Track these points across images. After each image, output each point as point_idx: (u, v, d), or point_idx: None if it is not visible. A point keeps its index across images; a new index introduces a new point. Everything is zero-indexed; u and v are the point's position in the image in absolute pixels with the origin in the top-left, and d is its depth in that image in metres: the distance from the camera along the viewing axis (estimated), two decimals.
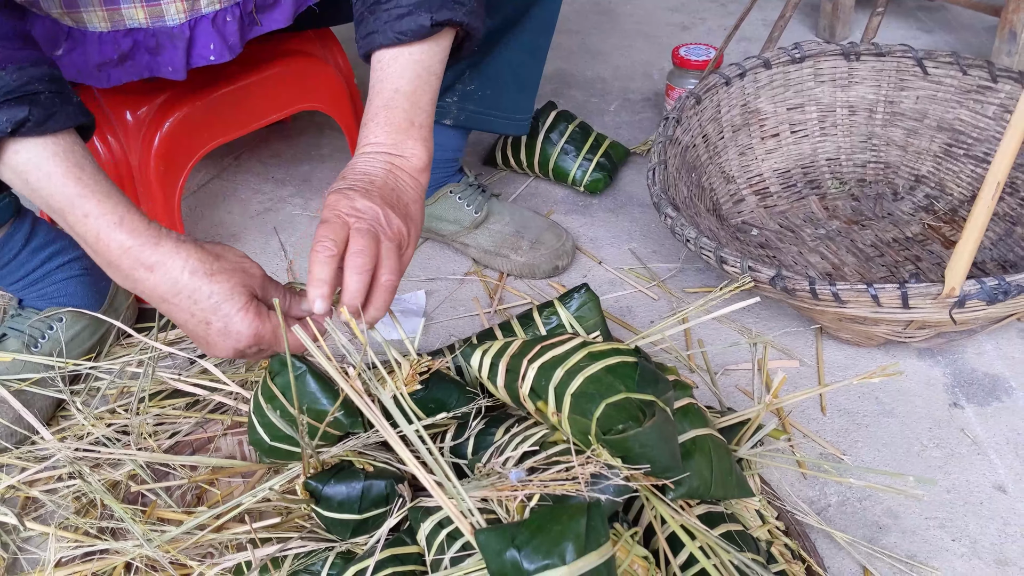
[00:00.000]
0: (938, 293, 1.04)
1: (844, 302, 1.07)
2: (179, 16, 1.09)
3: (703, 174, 1.46)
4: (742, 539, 0.83)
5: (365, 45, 0.94)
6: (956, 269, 1.02)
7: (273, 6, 1.15)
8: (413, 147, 0.92)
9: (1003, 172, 0.99)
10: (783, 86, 1.51)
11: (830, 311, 1.10)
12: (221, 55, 1.13)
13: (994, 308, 1.06)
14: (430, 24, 0.90)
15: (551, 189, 1.60)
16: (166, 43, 1.10)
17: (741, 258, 1.12)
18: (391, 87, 0.92)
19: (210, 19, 1.10)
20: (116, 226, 0.82)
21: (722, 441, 0.86)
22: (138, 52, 1.11)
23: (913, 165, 1.52)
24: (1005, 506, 1.03)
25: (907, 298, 1.04)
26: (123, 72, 1.12)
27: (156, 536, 0.88)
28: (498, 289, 1.37)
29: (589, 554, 0.68)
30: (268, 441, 0.92)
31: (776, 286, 1.10)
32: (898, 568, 0.96)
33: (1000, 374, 1.20)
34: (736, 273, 1.13)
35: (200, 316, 0.83)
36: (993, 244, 1.38)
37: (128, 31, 1.08)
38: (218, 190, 1.62)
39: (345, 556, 0.85)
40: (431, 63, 0.93)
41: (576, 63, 2.01)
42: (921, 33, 2.06)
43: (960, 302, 1.04)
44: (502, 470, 0.78)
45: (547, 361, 0.84)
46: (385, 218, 0.86)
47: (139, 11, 1.07)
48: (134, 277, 0.83)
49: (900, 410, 1.15)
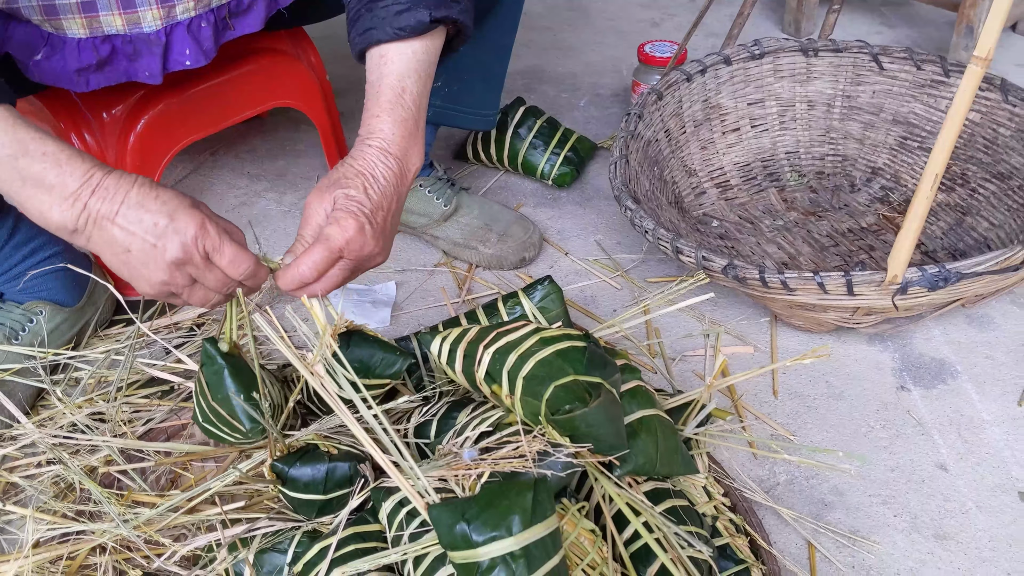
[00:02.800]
0: (881, 281, 1.08)
1: (792, 290, 1.12)
2: (156, 23, 1.12)
3: (665, 168, 1.50)
4: (687, 514, 0.88)
5: (362, 42, 0.97)
6: (898, 258, 1.07)
7: (247, 11, 1.19)
8: (417, 153, 0.96)
9: (940, 165, 1.03)
10: (743, 82, 1.56)
11: (780, 299, 1.15)
12: (196, 60, 1.17)
13: (936, 294, 1.11)
14: (429, 20, 0.94)
15: (520, 183, 1.65)
16: (143, 49, 1.14)
17: (696, 248, 1.17)
18: (398, 85, 0.95)
19: (185, 26, 1.14)
20: (78, 155, 0.83)
21: (668, 421, 0.91)
22: (116, 58, 1.14)
23: (870, 158, 1.56)
24: (946, 483, 1.08)
25: (852, 286, 1.09)
26: (102, 77, 1.15)
27: (132, 518, 0.93)
28: (467, 280, 1.42)
29: (535, 526, 0.73)
30: (202, 423, 0.98)
31: (728, 275, 1.14)
32: (841, 543, 1.01)
33: (946, 358, 1.25)
34: (691, 263, 1.17)
35: (149, 223, 0.83)
36: (944, 233, 1.43)
37: (106, 37, 1.12)
38: (194, 185, 1.65)
39: (311, 535, 0.89)
40: (429, 60, 0.97)
41: (548, 59, 2.05)
42: (884, 28, 2.11)
43: (902, 289, 1.09)
44: (457, 450, 0.82)
45: (501, 346, 0.88)
46: (371, 259, 0.92)
47: (117, 18, 1.11)
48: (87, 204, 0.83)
49: (849, 393, 1.20)
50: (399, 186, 0.93)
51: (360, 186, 0.90)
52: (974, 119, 1.45)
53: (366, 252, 0.89)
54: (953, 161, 1.47)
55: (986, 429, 1.14)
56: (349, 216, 0.88)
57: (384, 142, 0.93)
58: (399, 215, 0.95)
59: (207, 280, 0.86)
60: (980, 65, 0.99)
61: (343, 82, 1.94)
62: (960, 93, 1.01)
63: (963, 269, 1.08)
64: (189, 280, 0.86)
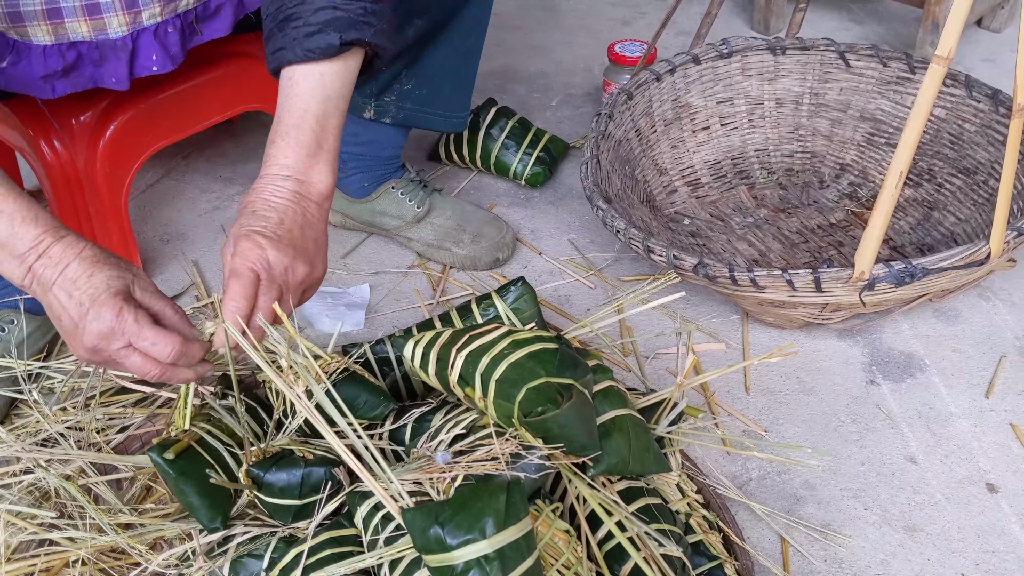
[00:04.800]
0: (849, 277, 1.10)
1: (762, 287, 1.13)
2: (121, 29, 1.12)
3: (636, 167, 1.51)
4: (660, 512, 0.89)
5: (274, 61, 0.95)
6: (864, 254, 1.08)
7: (214, 16, 1.19)
8: (320, 172, 0.93)
9: (905, 163, 1.05)
10: (712, 80, 1.57)
11: (750, 296, 1.17)
12: (163, 65, 1.16)
13: (903, 290, 1.13)
14: (339, 43, 0.91)
15: (493, 183, 1.65)
16: (109, 55, 1.14)
17: (667, 247, 1.18)
18: (301, 107, 0.92)
19: (152, 31, 1.14)
20: (33, 218, 0.85)
21: (641, 420, 0.92)
22: (82, 64, 1.14)
23: (838, 154, 1.58)
24: (915, 476, 1.10)
25: (820, 282, 1.11)
26: (67, 83, 1.15)
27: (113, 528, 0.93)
28: (441, 281, 1.42)
29: (508, 528, 0.74)
30: None
31: (699, 274, 1.15)
32: (813, 537, 1.03)
33: (915, 352, 1.26)
34: (662, 261, 1.18)
35: (75, 302, 0.84)
36: (912, 228, 1.45)
37: (72, 44, 1.11)
38: (167, 190, 1.65)
39: (287, 540, 0.90)
40: (339, 84, 0.94)
41: (519, 58, 2.05)
42: (852, 24, 2.13)
43: (870, 285, 1.10)
44: (430, 453, 0.83)
45: (474, 349, 0.89)
46: (292, 270, 0.88)
47: (82, 25, 1.10)
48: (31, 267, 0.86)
49: (820, 388, 1.21)
50: (299, 202, 0.91)
51: (248, 212, 0.90)
52: (940, 115, 1.47)
53: (281, 266, 0.87)
54: (920, 157, 1.49)
55: (954, 422, 1.16)
56: (241, 239, 0.87)
57: (276, 167, 0.92)
58: (318, 228, 0.93)
59: (130, 362, 0.86)
60: (941, 64, 1.01)
61: None
62: (922, 92, 1.02)
63: (929, 265, 1.09)
64: (114, 359, 0.86)
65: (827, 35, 2.03)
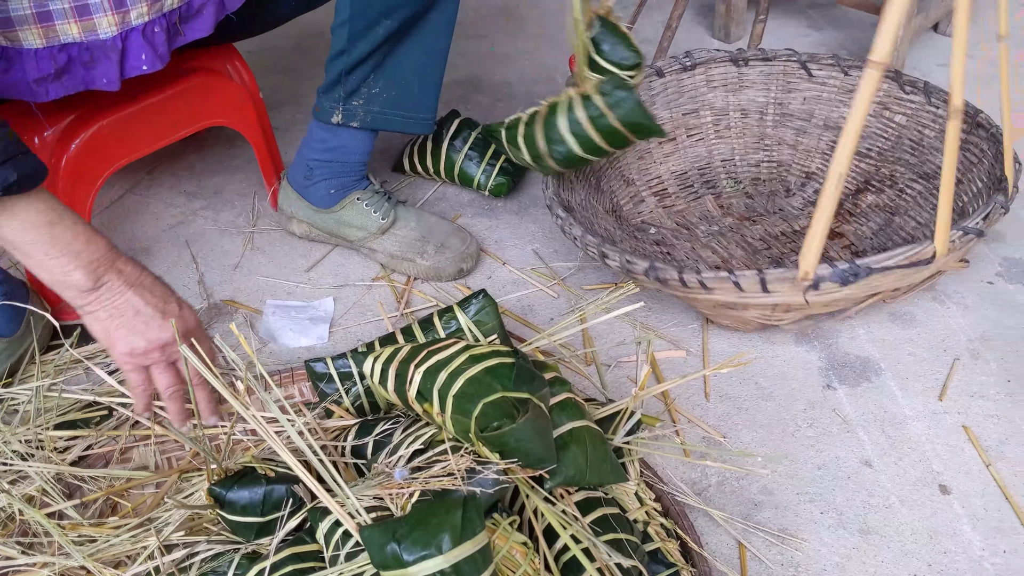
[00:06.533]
0: (794, 277, 1.12)
1: (710, 289, 1.15)
2: (111, 29, 1.13)
3: (602, 177, 1.53)
4: (617, 521, 0.90)
5: None
6: (808, 255, 1.10)
7: (196, 16, 1.21)
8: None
9: (844, 166, 1.07)
10: (677, 92, 1.59)
11: (702, 298, 1.19)
12: (153, 64, 1.18)
13: (849, 290, 1.15)
14: None
15: (458, 193, 1.66)
16: (100, 56, 1.15)
17: (620, 253, 1.20)
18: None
19: (140, 31, 1.15)
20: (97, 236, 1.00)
21: (598, 431, 0.94)
22: (74, 66, 1.15)
23: (803, 163, 1.61)
24: (870, 479, 1.12)
25: (766, 283, 1.13)
26: (60, 86, 1.16)
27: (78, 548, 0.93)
28: (405, 293, 1.43)
29: (465, 543, 0.75)
30: None
31: (650, 277, 1.17)
32: (770, 541, 1.05)
33: (870, 356, 1.29)
34: (616, 266, 1.20)
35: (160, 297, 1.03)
36: (874, 233, 1.47)
37: (63, 46, 1.12)
38: (131, 205, 1.65)
39: (250, 557, 0.91)
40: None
41: (483, 68, 2.07)
42: (811, 31, 2.16)
43: (815, 285, 1.12)
44: (388, 469, 0.84)
45: (432, 365, 0.90)
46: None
47: (73, 26, 1.11)
48: None
49: (778, 393, 1.23)
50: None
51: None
52: (901, 122, 1.50)
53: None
54: (882, 163, 1.51)
55: (908, 424, 1.19)
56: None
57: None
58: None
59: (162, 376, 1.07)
60: (877, 69, 1.03)
61: (277, 95, 1.95)
62: (858, 96, 1.05)
63: (873, 264, 1.11)
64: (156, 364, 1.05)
65: (787, 42, 2.07)
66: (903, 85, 1.49)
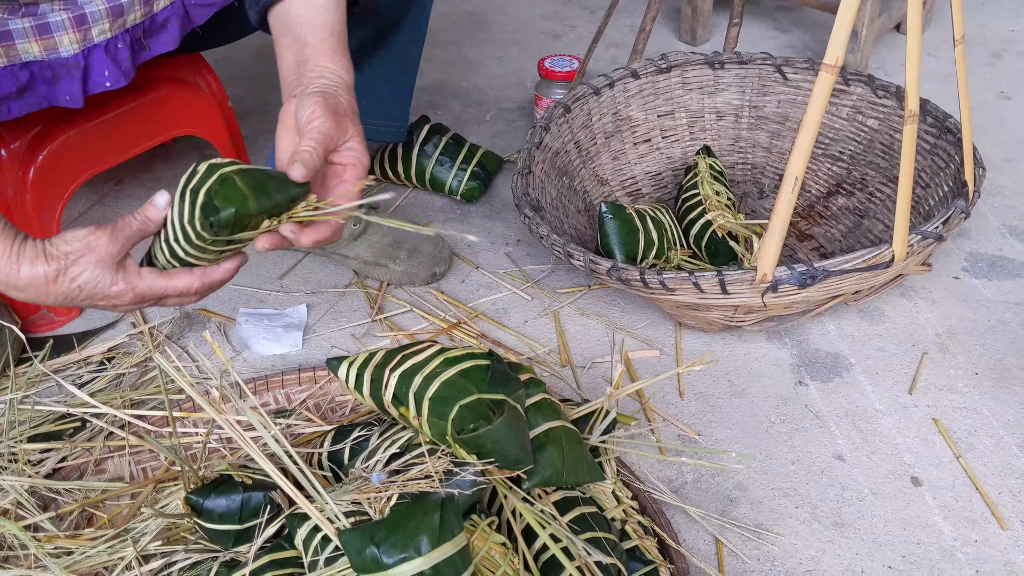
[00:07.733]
0: (752, 279, 1.13)
1: (672, 290, 1.16)
2: (73, 47, 1.12)
3: (576, 178, 1.54)
4: (595, 520, 0.91)
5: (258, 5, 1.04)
6: (765, 257, 1.12)
7: (160, 29, 1.20)
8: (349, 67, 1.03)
9: (800, 168, 1.08)
10: (653, 94, 1.60)
11: (664, 299, 1.20)
12: (116, 81, 1.17)
13: (808, 292, 1.16)
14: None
15: (430, 199, 1.67)
16: (62, 74, 1.14)
17: (584, 252, 1.21)
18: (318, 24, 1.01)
19: (103, 47, 1.14)
20: None
21: (574, 431, 0.94)
22: (36, 84, 1.14)
23: (777, 165, 1.62)
24: (843, 473, 1.14)
25: (725, 284, 1.14)
26: (22, 104, 1.15)
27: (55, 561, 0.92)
28: (378, 298, 1.43)
29: (443, 545, 0.75)
30: None
31: (612, 277, 1.18)
32: (746, 536, 1.06)
33: (840, 352, 1.31)
34: (580, 266, 1.21)
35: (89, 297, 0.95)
36: (843, 236, 1.49)
37: (24, 64, 1.11)
38: (99, 216, 1.64)
39: (229, 565, 0.90)
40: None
41: (453, 74, 2.07)
42: (778, 32, 2.19)
43: (773, 287, 1.14)
44: (365, 474, 0.84)
45: (407, 369, 0.91)
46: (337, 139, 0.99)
47: (33, 45, 1.11)
48: None
49: (751, 390, 1.25)
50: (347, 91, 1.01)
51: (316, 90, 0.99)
52: (873, 126, 1.52)
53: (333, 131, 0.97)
54: (854, 167, 1.53)
55: (879, 419, 1.20)
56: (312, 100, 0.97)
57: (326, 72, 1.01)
58: None
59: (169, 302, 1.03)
60: (830, 72, 1.05)
61: (244, 104, 1.94)
62: (813, 99, 1.06)
63: (831, 267, 1.13)
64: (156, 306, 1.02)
65: (754, 44, 2.09)
66: (876, 89, 1.51)
